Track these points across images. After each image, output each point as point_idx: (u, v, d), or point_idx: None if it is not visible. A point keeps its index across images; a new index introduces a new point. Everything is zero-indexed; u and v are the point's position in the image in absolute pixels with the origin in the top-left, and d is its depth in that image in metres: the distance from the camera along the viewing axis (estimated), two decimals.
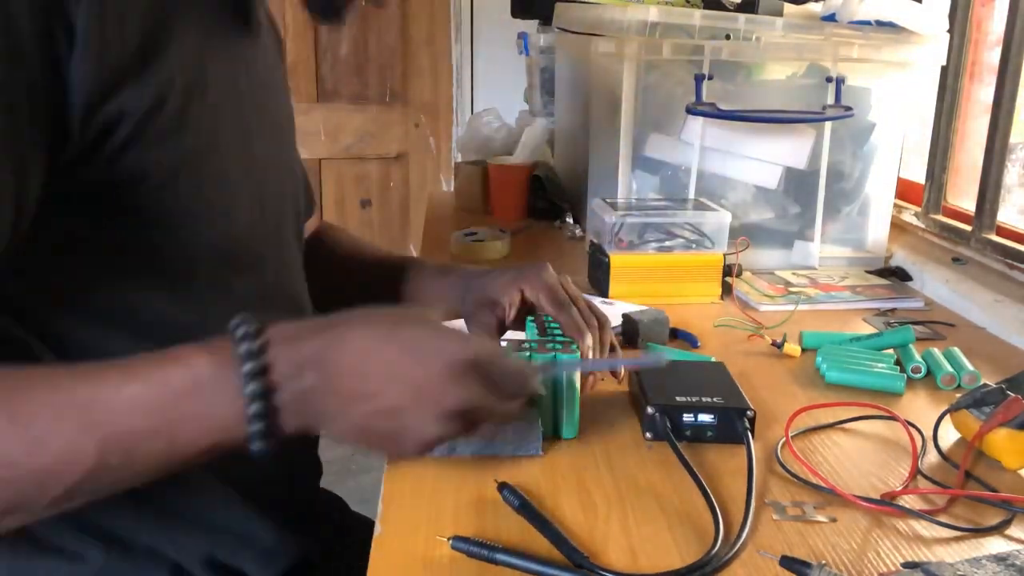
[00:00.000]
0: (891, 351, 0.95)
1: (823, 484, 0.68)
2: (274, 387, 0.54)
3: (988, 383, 0.78)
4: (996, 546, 0.62)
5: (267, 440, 0.54)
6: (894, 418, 0.78)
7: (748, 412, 0.74)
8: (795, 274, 1.28)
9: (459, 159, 1.87)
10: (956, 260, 1.27)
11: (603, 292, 1.15)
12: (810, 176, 1.31)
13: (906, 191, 1.47)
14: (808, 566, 0.55)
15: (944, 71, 1.34)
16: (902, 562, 0.59)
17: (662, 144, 1.31)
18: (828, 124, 1.28)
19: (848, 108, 1.25)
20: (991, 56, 1.31)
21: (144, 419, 0.52)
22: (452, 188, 1.94)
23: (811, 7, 1.33)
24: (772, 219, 1.34)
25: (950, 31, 1.30)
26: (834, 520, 0.64)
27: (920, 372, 0.91)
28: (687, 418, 0.74)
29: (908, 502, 0.67)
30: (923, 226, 1.40)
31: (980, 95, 1.36)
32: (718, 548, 0.59)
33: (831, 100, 1.26)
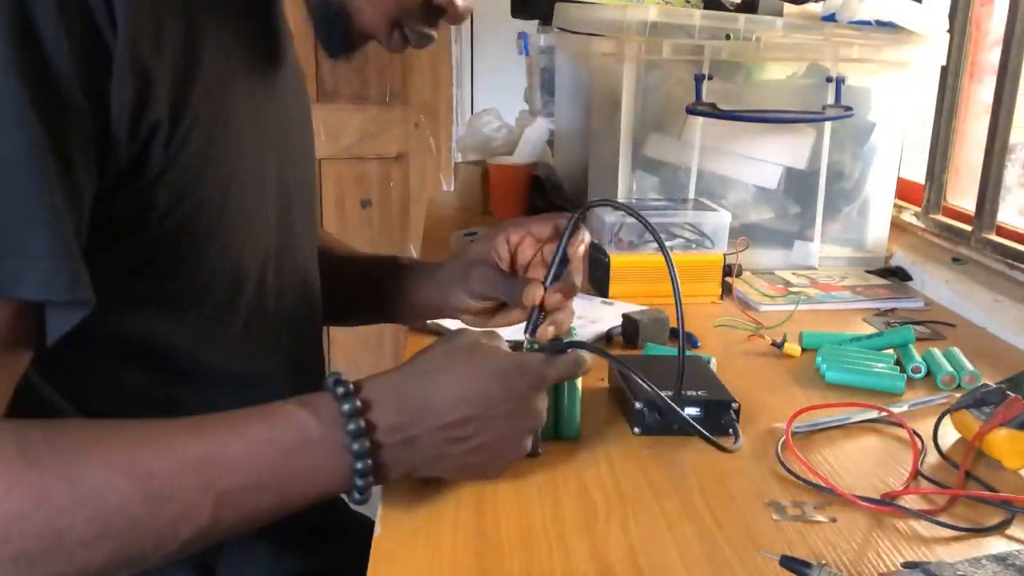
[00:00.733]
0: (891, 351, 0.95)
1: (823, 484, 0.68)
2: (378, 443, 0.58)
3: (988, 383, 0.78)
4: (996, 546, 0.62)
5: (369, 491, 0.59)
6: (894, 419, 0.78)
7: (733, 404, 0.76)
8: (795, 274, 1.28)
9: (459, 159, 1.87)
10: (956, 260, 1.27)
11: (603, 292, 1.15)
12: (810, 176, 1.31)
13: (906, 191, 1.47)
14: (808, 566, 0.55)
15: (944, 71, 1.34)
16: (902, 562, 0.59)
17: (662, 144, 1.30)
18: (828, 124, 1.28)
19: (848, 108, 1.25)
20: (991, 56, 1.31)
21: (256, 476, 0.55)
22: (452, 188, 1.94)
23: (811, 7, 1.33)
24: (772, 219, 1.34)
25: (950, 31, 1.30)
26: (834, 520, 0.64)
27: (920, 372, 0.91)
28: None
29: (908, 502, 0.67)
30: (923, 226, 1.40)
31: (980, 95, 1.36)
32: None
33: (831, 100, 1.26)
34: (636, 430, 0.76)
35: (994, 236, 1.22)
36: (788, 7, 1.31)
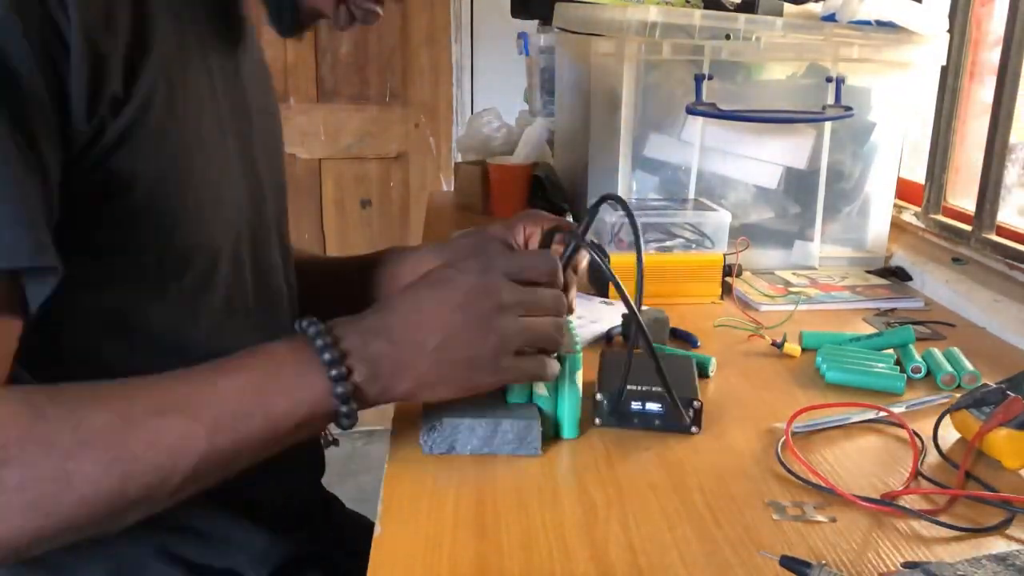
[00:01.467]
0: (891, 351, 0.95)
1: (823, 484, 0.68)
2: (346, 352, 0.62)
3: (988, 383, 0.78)
4: (996, 546, 0.62)
5: (353, 404, 0.62)
6: (894, 419, 0.78)
7: (695, 402, 0.76)
8: (795, 274, 1.28)
9: (459, 159, 1.87)
10: (956, 260, 1.27)
11: (603, 292, 1.15)
12: (810, 176, 1.31)
13: (906, 191, 1.47)
14: (808, 566, 0.55)
15: (944, 71, 1.34)
16: (902, 562, 0.59)
17: (662, 144, 1.30)
18: (828, 124, 1.28)
19: (848, 108, 1.25)
20: (991, 56, 1.31)
21: (242, 402, 0.59)
22: (452, 188, 1.94)
23: (811, 7, 1.33)
24: (772, 219, 1.34)
25: (950, 31, 1.30)
26: (834, 520, 0.64)
27: (920, 372, 0.91)
28: (635, 406, 0.77)
29: (908, 502, 0.67)
30: (923, 226, 1.40)
31: (980, 95, 1.36)
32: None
33: (831, 100, 1.26)
34: (597, 421, 0.77)
35: (994, 236, 1.23)
36: (788, 7, 1.31)
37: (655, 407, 0.76)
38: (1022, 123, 1.21)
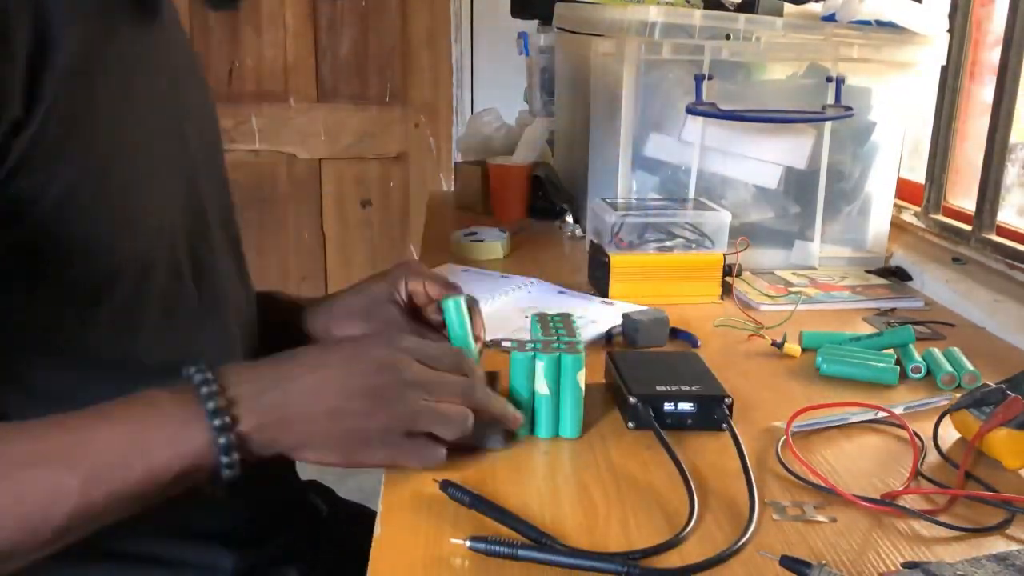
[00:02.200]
0: (891, 351, 0.95)
1: (823, 484, 0.68)
2: (236, 417, 0.58)
3: (988, 383, 0.78)
4: (996, 546, 0.62)
5: (236, 465, 0.58)
6: (894, 419, 0.78)
7: (726, 399, 0.77)
8: (795, 274, 1.28)
9: (459, 159, 1.87)
10: (956, 260, 1.27)
11: (603, 292, 1.15)
12: (810, 176, 1.31)
13: (906, 191, 1.47)
14: (808, 566, 0.55)
15: (944, 71, 1.34)
16: (902, 562, 0.59)
17: (662, 144, 1.30)
18: (828, 124, 1.28)
19: (848, 108, 1.25)
20: (991, 56, 1.31)
21: (120, 453, 0.56)
22: (452, 188, 1.94)
23: (811, 7, 1.33)
24: (772, 219, 1.34)
25: (950, 31, 1.30)
26: (834, 520, 0.64)
27: (920, 372, 0.91)
28: (668, 407, 0.76)
29: (908, 502, 0.67)
30: (923, 226, 1.40)
31: (980, 95, 1.36)
32: (689, 529, 0.61)
33: (831, 100, 1.26)
34: (630, 424, 0.77)
35: (994, 236, 1.22)
36: (788, 7, 1.31)
37: (688, 407, 0.76)
38: (1022, 123, 1.21)
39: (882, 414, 0.80)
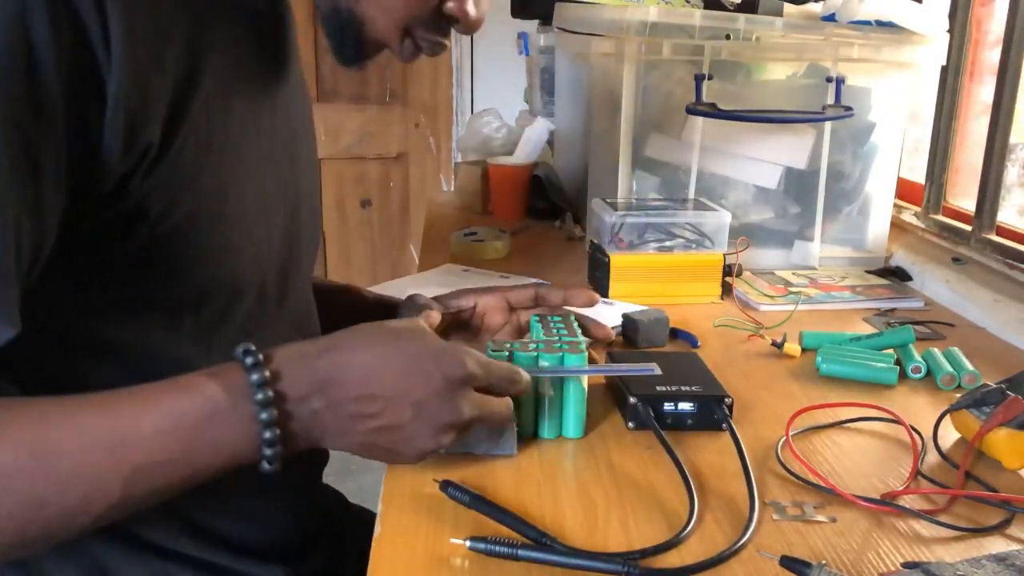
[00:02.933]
0: (891, 351, 0.95)
1: (823, 484, 0.68)
2: (287, 414, 0.57)
3: (988, 383, 0.78)
4: (996, 546, 0.62)
5: (279, 461, 0.58)
6: (897, 420, 0.78)
7: (726, 399, 0.77)
8: (795, 274, 1.28)
9: (459, 159, 1.87)
10: (956, 260, 1.27)
11: (603, 292, 1.15)
12: (810, 176, 1.31)
13: (906, 191, 1.47)
14: (808, 566, 0.55)
15: (944, 71, 1.34)
16: (902, 562, 0.59)
17: (662, 144, 1.30)
18: (828, 124, 1.28)
19: (848, 108, 1.25)
20: (991, 56, 1.31)
21: (165, 450, 0.55)
22: (452, 188, 1.94)
23: (811, 7, 1.33)
24: (772, 219, 1.34)
25: (950, 31, 1.30)
26: (834, 520, 0.64)
27: (920, 372, 0.91)
28: (668, 407, 0.77)
29: (908, 502, 0.67)
30: (923, 226, 1.40)
31: (980, 95, 1.36)
32: (689, 529, 0.61)
33: (831, 100, 1.26)
34: (630, 424, 0.77)
35: (994, 236, 1.23)
36: (788, 7, 1.31)
37: (688, 407, 0.77)
38: (1022, 123, 1.21)
39: (882, 414, 0.80)
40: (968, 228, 1.28)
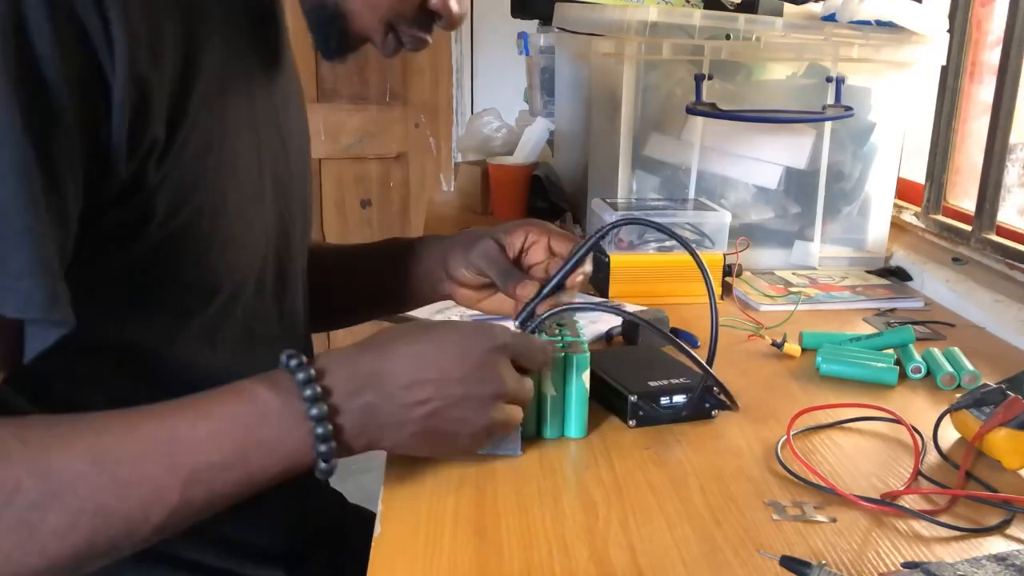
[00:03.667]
0: (891, 351, 0.95)
1: (823, 484, 0.68)
2: (336, 409, 0.58)
3: (988, 383, 0.78)
4: (996, 546, 0.62)
5: (334, 460, 0.58)
6: (898, 420, 0.79)
7: (715, 389, 0.79)
8: (795, 274, 1.28)
9: (459, 159, 1.87)
10: (956, 260, 1.27)
11: (603, 292, 1.15)
12: (810, 176, 1.31)
13: (906, 191, 1.47)
14: (808, 566, 0.55)
15: (944, 71, 1.34)
16: (902, 562, 0.59)
17: (662, 144, 1.30)
18: (828, 124, 1.28)
19: (848, 108, 1.25)
20: (991, 56, 1.31)
21: (220, 453, 0.55)
22: (452, 188, 1.94)
23: (811, 7, 1.33)
24: (772, 219, 1.34)
25: (950, 31, 1.30)
26: (834, 520, 0.64)
27: (920, 372, 0.91)
28: (664, 400, 0.78)
29: (908, 502, 0.67)
30: (923, 226, 1.40)
31: (980, 95, 1.36)
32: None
33: (831, 100, 1.26)
34: (631, 423, 0.77)
35: (994, 236, 1.23)
36: (788, 7, 1.31)
37: (681, 399, 0.78)
38: (1022, 123, 1.21)
39: (883, 414, 0.80)
40: (968, 228, 1.28)
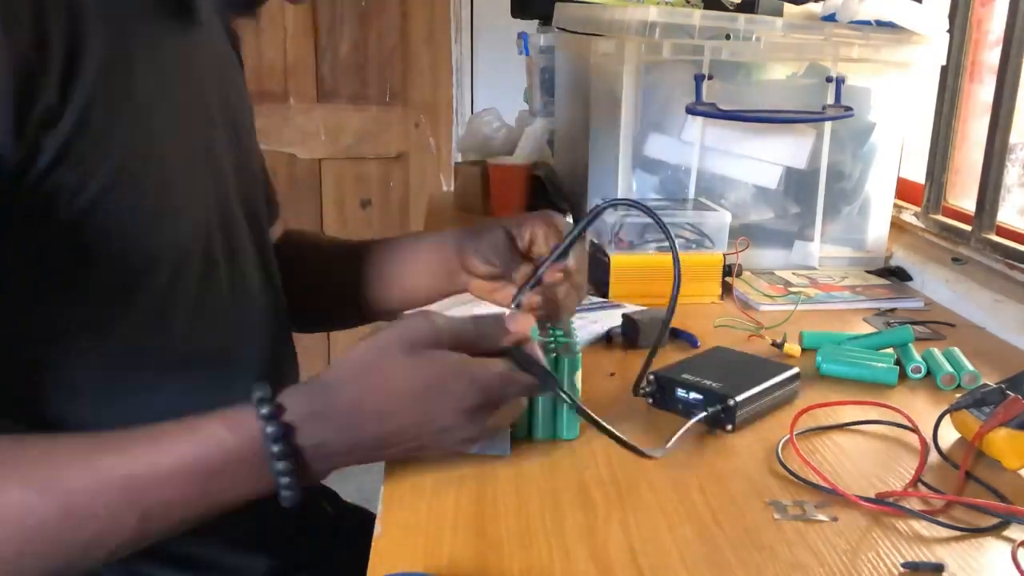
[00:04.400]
0: (891, 351, 0.95)
1: (824, 484, 0.68)
2: (303, 465, 0.59)
3: (988, 383, 0.78)
4: (995, 546, 0.62)
5: (298, 495, 0.59)
6: (904, 419, 0.78)
7: (730, 401, 0.77)
8: (795, 274, 1.28)
9: (459, 159, 1.87)
10: (956, 260, 1.27)
11: (603, 292, 1.15)
12: (810, 176, 1.31)
13: (906, 191, 1.47)
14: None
15: (944, 71, 1.34)
16: (902, 562, 0.59)
17: (662, 144, 1.30)
18: (828, 124, 1.28)
19: (848, 108, 1.25)
20: (991, 56, 1.31)
21: (180, 491, 0.56)
22: (452, 188, 1.94)
23: (811, 7, 1.33)
24: (772, 219, 1.34)
25: (950, 31, 1.30)
26: (835, 520, 0.64)
27: (920, 372, 0.91)
28: (680, 393, 0.79)
29: (908, 502, 0.67)
30: (923, 226, 1.40)
31: (980, 95, 1.36)
32: None
33: (831, 100, 1.26)
34: (642, 391, 0.81)
35: (994, 236, 1.23)
36: (788, 7, 1.31)
37: (698, 398, 0.78)
38: (1022, 123, 1.21)
39: (889, 414, 0.80)
40: (968, 228, 1.28)
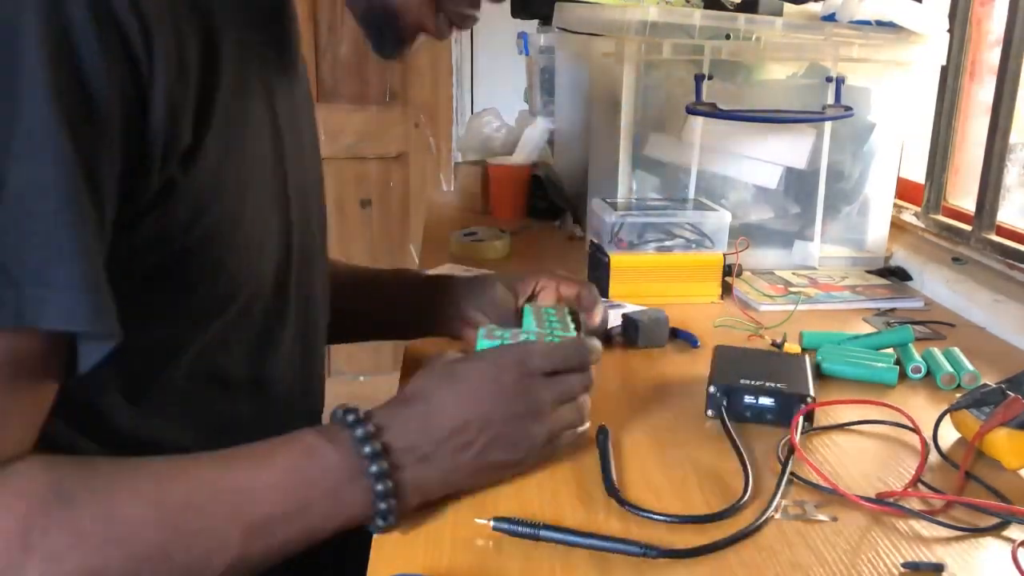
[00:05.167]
0: (891, 351, 0.95)
1: (824, 483, 0.68)
2: (396, 465, 0.59)
3: (988, 383, 0.78)
4: (995, 546, 0.62)
5: (393, 516, 0.59)
6: (904, 419, 0.78)
7: (807, 398, 0.77)
8: (795, 274, 1.28)
9: (459, 159, 1.87)
10: (956, 260, 1.27)
11: (603, 292, 1.15)
12: (810, 176, 1.31)
13: (906, 191, 1.47)
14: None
15: (944, 71, 1.34)
16: (902, 562, 0.59)
17: (662, 144, 1.31)
18: (828, 124, 1.28)
19: (848, 108, 1.25)
20: (991, 56, 1.31)
21: (282, 506, 0.56)
22: (452, 188, 1.94)
23: (811, 7, 1.33)
24: (772, 219, 1.34)
25: (950, 31, 1.30)
26: (835, 519, 0.64)
27: (920, 372, 0.91)
28: (748, 399, 0.78)
29: (909, 502, 0.67)
30: (923, 226, 1.40)
31: (980, 95, 1.36)
32: (744, 501, 0.65)
33: (831, 100, 1.26)
34: (709, 412, 0.79)
35: (994, 236, 1.23)
36: (788, 7, 1.31)
37: (768, 402, 0.78)
38: (1022, 123, 1.21)
39: (889, 414, 0.80)
40: (968, 228, 1.28)
